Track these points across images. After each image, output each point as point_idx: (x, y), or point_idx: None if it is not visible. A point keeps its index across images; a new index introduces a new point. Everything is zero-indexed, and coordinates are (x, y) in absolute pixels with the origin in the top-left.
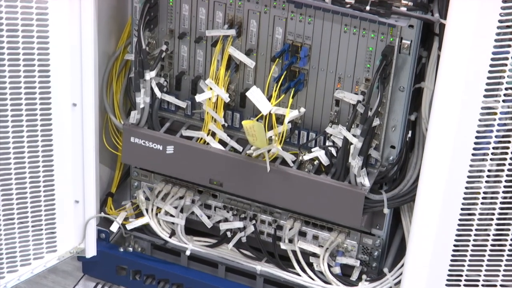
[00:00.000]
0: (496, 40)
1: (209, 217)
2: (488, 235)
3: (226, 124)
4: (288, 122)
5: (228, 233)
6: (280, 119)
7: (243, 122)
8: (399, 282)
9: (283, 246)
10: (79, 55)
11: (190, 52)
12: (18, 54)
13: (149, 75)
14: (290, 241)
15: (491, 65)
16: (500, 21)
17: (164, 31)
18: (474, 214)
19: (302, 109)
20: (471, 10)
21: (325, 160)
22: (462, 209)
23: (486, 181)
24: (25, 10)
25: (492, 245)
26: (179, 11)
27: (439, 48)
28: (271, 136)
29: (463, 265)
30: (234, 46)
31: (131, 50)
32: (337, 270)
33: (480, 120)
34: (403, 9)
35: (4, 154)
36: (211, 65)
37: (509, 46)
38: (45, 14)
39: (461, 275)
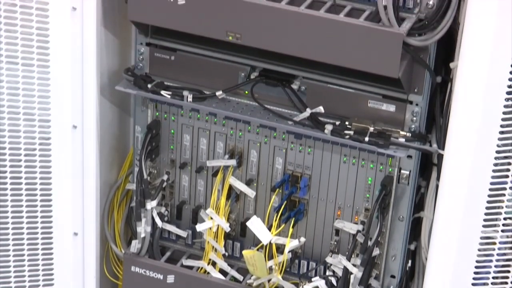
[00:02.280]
0: (493, 171)
1: None
2: None
3: (226, 254)
4: (288, 252)
5: None
6: (280, 249)
7: (244, 252)
8: None
9: None
10: (81, 185)
11: (191, 181)
12: (20, 180)
13: (150, 204)
14: None
15: (489, 195)
16: (497, 152)
17: (165, 160)
18: None
19: (302, 239)
20: (469, 143)
21: None
22: None
23: None
24: (28, 140)
25: None
26: (180, 141)
27: (438, 178)
28: (271, 266)
29: None
30: (235, 176)
31: (132, 180)
32: None
33: (479, 250)
34: (402, 140)
35: (5, 283)
36: (212, 194)
37: (506, 176)
38: (48, 144)
39: None
